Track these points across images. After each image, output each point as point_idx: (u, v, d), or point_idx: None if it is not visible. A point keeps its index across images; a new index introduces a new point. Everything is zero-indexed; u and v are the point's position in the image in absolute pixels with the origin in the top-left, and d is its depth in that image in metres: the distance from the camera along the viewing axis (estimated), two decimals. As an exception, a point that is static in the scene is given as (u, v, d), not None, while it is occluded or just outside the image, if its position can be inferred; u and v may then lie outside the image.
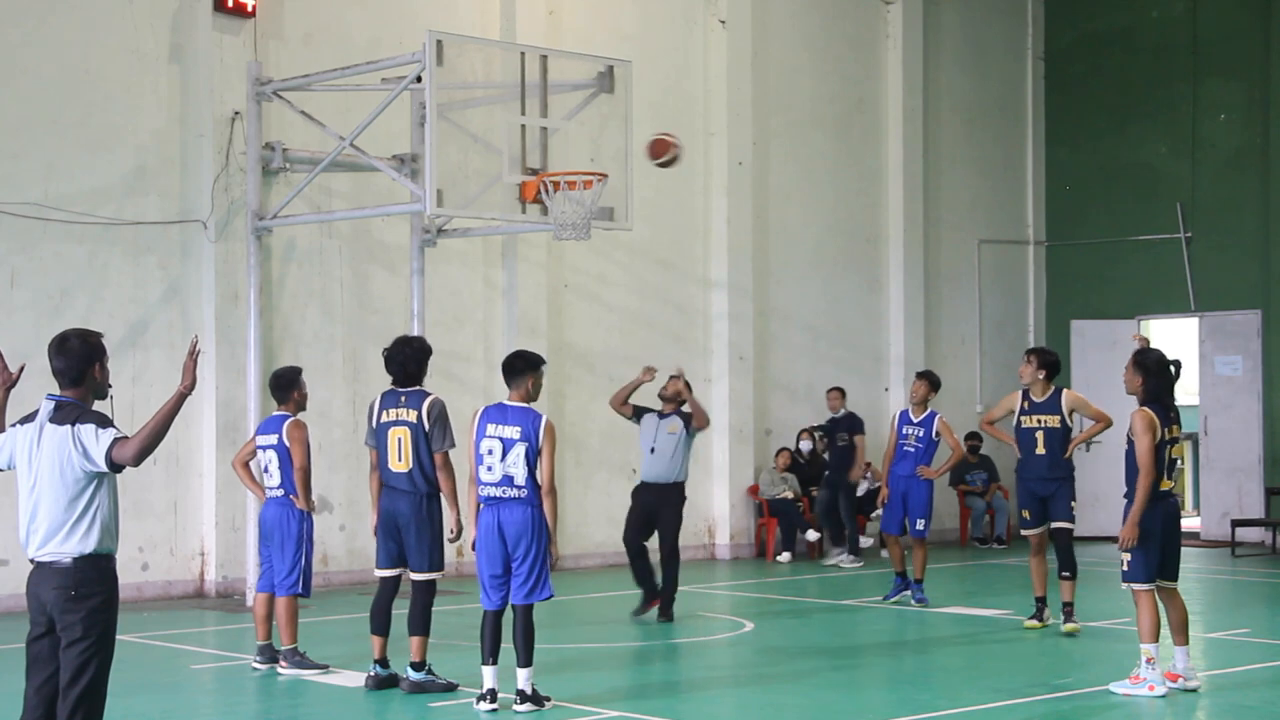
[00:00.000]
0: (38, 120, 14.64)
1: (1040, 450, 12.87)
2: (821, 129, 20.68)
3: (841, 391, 18.90)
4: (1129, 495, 10.02)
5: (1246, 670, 11.10)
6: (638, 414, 13.67)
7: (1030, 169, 23.06)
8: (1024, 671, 11.14)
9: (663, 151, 13.72)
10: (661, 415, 13.56)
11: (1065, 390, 13.15)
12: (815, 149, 20.63)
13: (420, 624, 10.29)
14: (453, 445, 10.32)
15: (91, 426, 6.51)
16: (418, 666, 10.27)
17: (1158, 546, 10.00)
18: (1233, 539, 19.56)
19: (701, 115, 19.34)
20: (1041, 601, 13.01)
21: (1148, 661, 9.95)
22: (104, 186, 14.95)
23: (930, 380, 14.74)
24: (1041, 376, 12.93)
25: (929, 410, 14.49)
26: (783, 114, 20.21)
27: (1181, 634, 10.11)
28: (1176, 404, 10.38)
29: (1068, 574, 12.73)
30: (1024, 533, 13.09)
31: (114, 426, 6.55)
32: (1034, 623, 12.98)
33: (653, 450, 13.41)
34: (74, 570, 6.49)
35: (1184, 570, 10.62)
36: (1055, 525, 12.85)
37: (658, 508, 13.43)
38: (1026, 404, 13.00)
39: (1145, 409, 10.02)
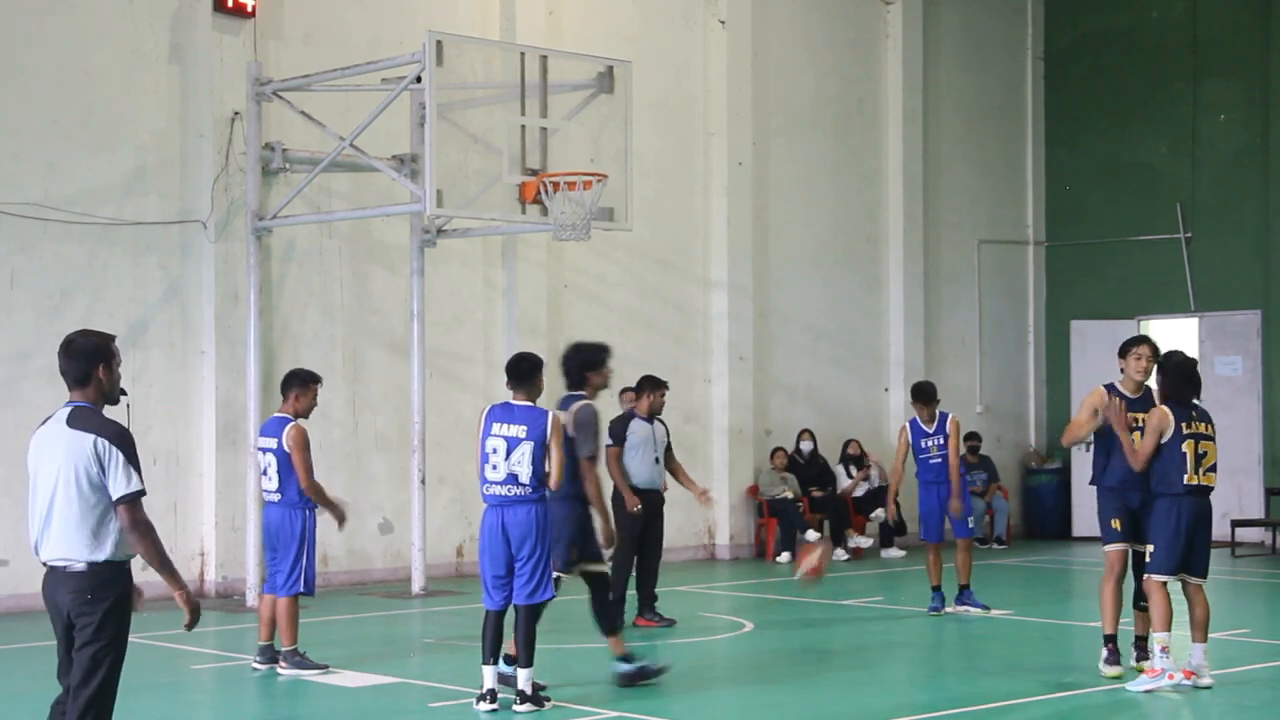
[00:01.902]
0: (38, 120, 14.64)
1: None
2: (821, 129, 20.68)
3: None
4: (1155, 492, 10.11)
5: (1246, 670, 11.09)
6: (624, 421, 13.35)
7: (1030, 169, 23.05)
8: (1024, 672, 11.13)
9: (813, 573, 13.21)
10: (648, 420, 13.38)
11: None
12: (815, 149, 20.62)
13: (605, 621, 10.39)
14: (589, 454, 10.25)
15: (122, 458, 6.39)
16: (626, 659, 10.39)
17: (1182, 541, 10.05)
18: (1233, 539, 19.54)
19: (701, 115, 19.34)
20: (1113, 640, 10.69)
21: (1162, 650, 9.97)
22: (104, 186, 14.95)
23: (927, 396, 14.06)
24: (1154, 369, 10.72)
25: (939, 414, 14.08)
26: (783, 114, 20.21)
27: (1201, 631, 10.15)
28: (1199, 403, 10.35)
29: (1146, 604, 10.56)
30: (1107, 549, 10.65)
31: (139, 476, 6.43)
32: (1114, 669, 10.63)
33: (657, 460, 13.30)
34: (89, 574, 6.44)
35: (1184, 570, 10.60)
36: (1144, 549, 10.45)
37: (653, 515, 13.34)
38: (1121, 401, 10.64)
39: (1162, 406, 10.16)
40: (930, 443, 13.95)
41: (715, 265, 19.36)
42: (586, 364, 10.50)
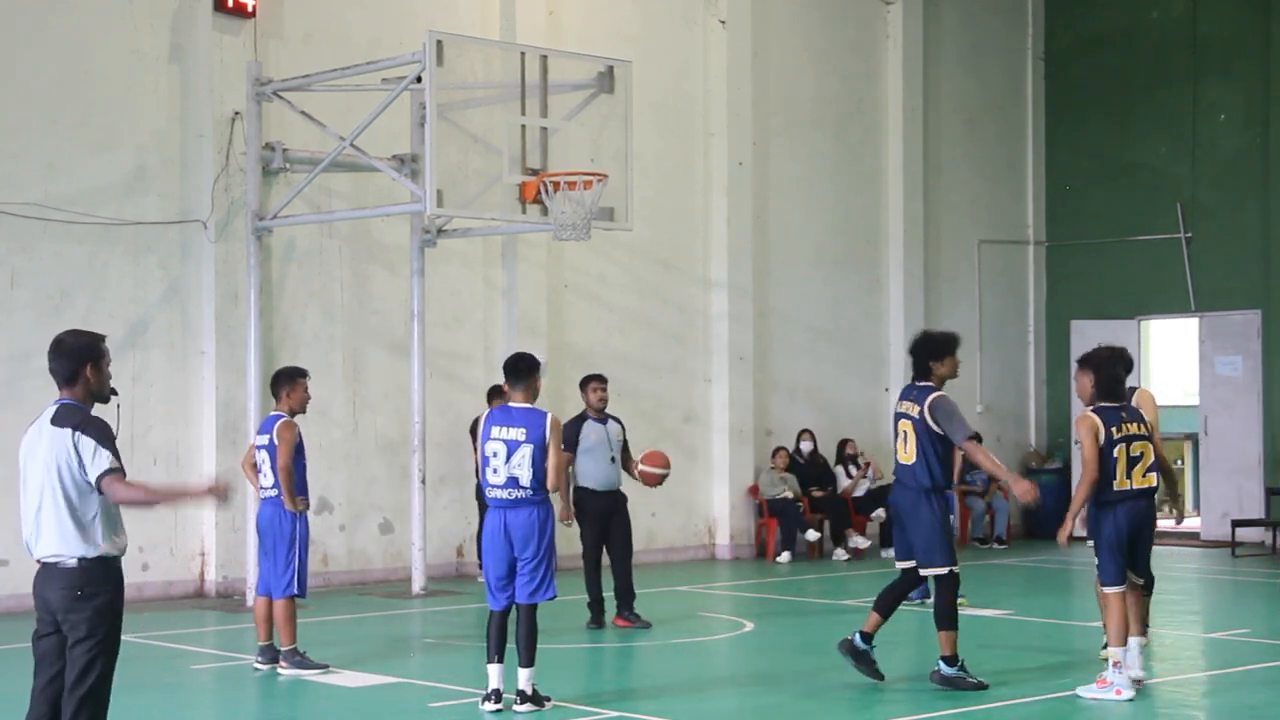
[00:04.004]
0: (38, 120, 14.64)
1: None
2: (821, 129, 20.68)
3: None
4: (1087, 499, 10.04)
5: (1246, 670, 11.09)
6: (575, 424, 13.18)
7: (1030, 169, 23.05)
8: (1023, 672, 11.13)
9: (653, 480, 13.01)
10: (600, 421, 13.26)
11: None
12: (815, 149, 20.62)
13: (944, 618, 10.26)
14: (968, 434, 10.14)
15: (92, 443, 6.45)
16: (950, 661, 10.26)
17: (1124, 548, 9.97)
18: (1233, 539, 19.53)
19: (701, 115, 19.33)
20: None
21: (1114, 665, 9.89)
22: (104, 186, 14.95)
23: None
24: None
25: None
26: (783, 114, 20.21)
27: (1138, 624, 10.08)
28: (1127, 398, 10.24)
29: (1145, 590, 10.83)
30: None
31: (113, 449, 6.49)
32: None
33: (613, 459, 13.16)
34: (79, 571, 6.48)
35: (1184, 570, 10.64)
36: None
37: (612, 514, 13.22)
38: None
39: (1087, 413, 9.98)
40: None
41: (715, 265, 19.36)
42: (933, 353, 10.39)
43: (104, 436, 6.49)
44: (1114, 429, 9.89)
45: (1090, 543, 10.20)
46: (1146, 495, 10.05)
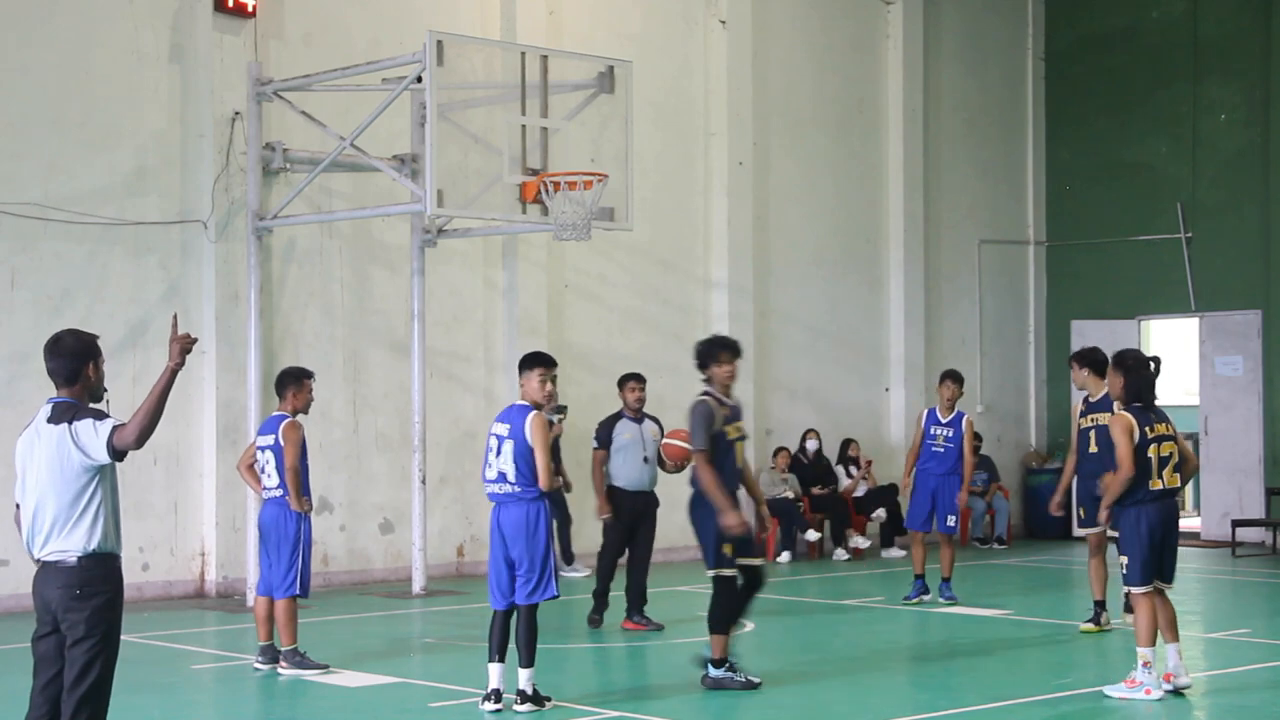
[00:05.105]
0: (38, 120, 14.64)
1: (1093, 448, 12.41)
2: (821, 129, 20.68)
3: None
4: (1122, 500, 10.04)
5: (1246, 670, 11.09)
6: (610, 422, 13.17)
7: (1030, 169, 23.05)
8: (1024, 672, 11.14)
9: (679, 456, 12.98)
10: (636, 420, 13.22)
11: None
12: (815, 149, 20.62)
13: (714, 621, 10.42)
14: (699, 448, 10.32)
15: (89, 421, 6.50)
16: (717, 663, 10.37)
17: (1155, 549, 9.98)
18: (1233, 539, 19.55)
19: (701, 115, 19.33)
20: (1100, 605, 12.75)
21: (1144, 665, 9.91)
22: (104, 186, 14.95)
23: (960, 381, 14.79)
24: (1086, 374, 12.59)
25: (957, 411, 14.57)
26: (783, 114, 20.21)
27: (1171, 631, 10.05)
28: (1158, 401, 10.33)
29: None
30: (1080, 532, 13.05)
31: (110, 417, 6.54)
32: (1090, 626, 12.74)
33: (646, 459, 13.09)
34: (79, 569, 6.49)
35: (1184, 570, 10.63)
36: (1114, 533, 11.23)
37: (642, 516, 13.19)
38: (1084, 405, 12.72)
39: (1122, 412, 10.04)
40: (940, 432, 14.51)
41: (715, 265, 19.36)
42: (700, 363, 10.56)
43: (98, 414, 6.56)
44: (1147, 429, 9.95)
45: (1118, 543, 10.22)
46: (1173, 494, 10.12)
